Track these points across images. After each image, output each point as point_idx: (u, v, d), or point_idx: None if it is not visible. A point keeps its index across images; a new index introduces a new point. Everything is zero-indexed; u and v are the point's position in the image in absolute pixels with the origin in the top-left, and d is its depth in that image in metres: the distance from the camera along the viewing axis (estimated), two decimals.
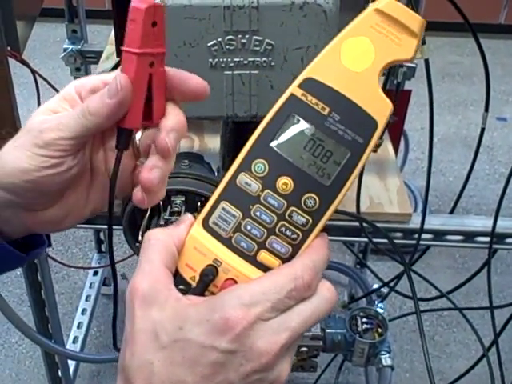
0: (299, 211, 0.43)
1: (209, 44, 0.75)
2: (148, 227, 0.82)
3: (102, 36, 2.35)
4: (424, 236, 1.08)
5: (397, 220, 1.08)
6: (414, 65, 1.13)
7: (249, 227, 0.44)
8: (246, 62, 0.76)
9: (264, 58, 0.76)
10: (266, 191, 0.43)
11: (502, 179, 2.60)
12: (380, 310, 1.20)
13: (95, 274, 2.02)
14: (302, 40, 0.74)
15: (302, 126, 0.43)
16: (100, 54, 1.42)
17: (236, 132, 0.92)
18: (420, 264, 1.34)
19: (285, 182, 0.43)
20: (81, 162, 0.47)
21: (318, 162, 0.43)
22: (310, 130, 0.43)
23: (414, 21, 0.43)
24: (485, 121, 1.03)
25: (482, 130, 1.05)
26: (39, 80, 1.33)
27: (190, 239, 0.44)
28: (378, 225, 1.07)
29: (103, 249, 2.07)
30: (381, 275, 1.83)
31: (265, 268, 0.44)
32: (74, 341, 1.79)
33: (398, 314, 2.02)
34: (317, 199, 0.43)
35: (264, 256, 0.44)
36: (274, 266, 0.44)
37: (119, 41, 0.92)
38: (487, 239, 1.07)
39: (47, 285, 1.33)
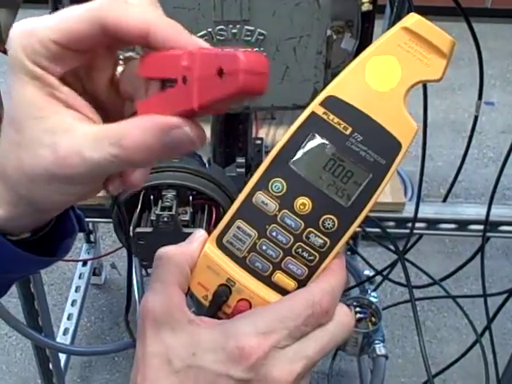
0: (317, 232, 0.42)
1: (199, 34, 0.72)
2: (139, 222, 0.80)
3: None
4: (417, 225, 1.08)
5: (390, 209, 1.08)
6: None
7: (264, 247, 0.42)
8: None
9: (256, 48, 0.74)
10: (284, 211, 0.42)
11: (491, 163, 2.61)
12: (373, 299, 1.19)
13: (84, 264, 2.00)
14: (295, 30, 0.73)
15: (323, 145, 0.41)
16: None
17: (227, 123, 0.90)
18: (410, 249, 1.34)
19: (303, 203, 0.42)
20: None
21: (338, 183, 0.41)
22: (330, 149, 0.41)
23: (444, 40, 0.41)
24: (478, 109, 1.02)
25: (476, 117, 1.04)
26: None
27: (203, 257, 0.43)
28: (372, 214, 1.06)
29: (92, 239, 2.05)
30: (371, 261, 1.83)
31: (280, 289, 0.43)
32: (65, 332, 1.78)
33: (388, 299, 2.03)
34: (335, 221, 0.42)
35: (279, 277, 0.43)
36: (289, 287, 0.43)
37: None
38: (481, 227, 1.07)
39: (36, 278, 1.32)
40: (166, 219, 0.77)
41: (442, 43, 0.41)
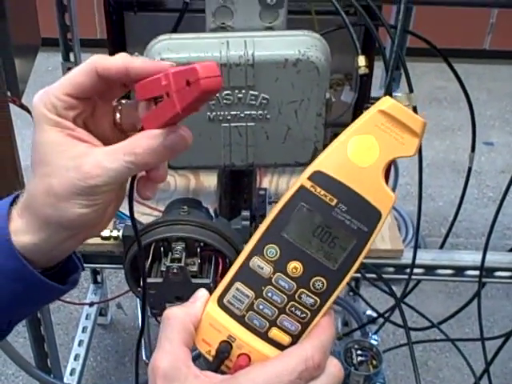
0: (308, 293, 0.47)
1: None
2: (149, 273, 0.85)
3: None
4: (416, 271, 1.12)
5: (389, 256, 1.12)
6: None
7: (261, 306, 0.47)
8: (242, 115, 0.79)
9: (260, 111, 0.79)
10: (278, 274, 0.47)
11: (491, 203, 2.65)
12: (374, 342, 1.22)
13: (91, 305, 2.03)
14: (296, 94, 0.78)
15: (311, 215, 0.46)
16: None
17: (232, 176, 0.95)
18: (411, 293, 1.38)
19: (295, 266, 0.47)
20: None
21: (326, 248, 0.46)
22: (318, 218, 0.46)
23: (416, 122, 0.46)
24: (471, 160, 1.07)
25: (469, 169, 1.09)
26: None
27: (206, 316, 0.48)
28: (372, 260, 1.11)
29: (99, 279, 2.08)
30: (374, 301, 1.85)
31: (276, 344, 0.47)
32: (72, 373, 1.80)
33: (391, 338, 2.05)
34: (324, 282, 0.46)
35: (275, 333, 0.47)
36: (284, 342, 0.47)
37: None
38: (477, 273, 1.11)
39: (46, 321, 1.35)
40: (175, 270, 0.82)
41: (415, 124, 0.46)
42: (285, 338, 0.47)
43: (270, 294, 0.47)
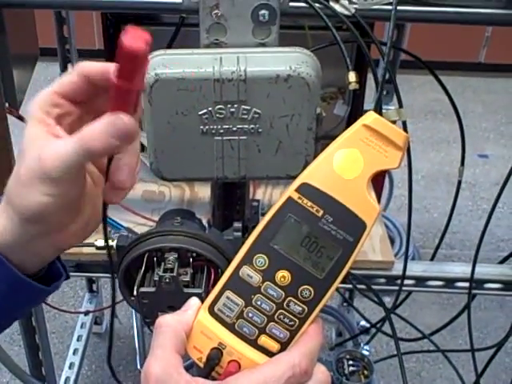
0: (296, 301, 0.48)
1: (200, 113, 0.80)
2: (142, 282, 0.86)
3: None
4: (406, 282, 1.13)
5: (380, 267, 1.13)
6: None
7: (250, 314, 0.49)
8: (234, 128, 0.81)
9: (252, 125, 0.81)
10: (266, 283, 0.49)
11: (485, 215, 2.64)
12: (366, 353, 1.24)
13: (86, 314, 2.04)
14: (287, 109, 0.80)
15: (299, 225, 0.48)
16: None
17: (225, 188, 0.97)
18: (406, 300, 1.39)
19: (283, 275, 0.48)
20: (86, 176, 0.52)
21: (313, 257, 0.48)
22: (305, 229, 0.48)
23: (399, 136, 0.48)
24: (461, 174, 1.09)
25: (459, 182, 1.10)
26: None
27: (197, 324, 0.49)
28: (362, 272, 1.13)
29: (94, 288, 2.10)
30: (368, 312, 1.87)
31: (265, 351, 0.49)
32: (66, 381, 1.81)
33: (385, 349, 2.06)
34: (312, 290, 0.48)
35: (264, 340, 0.49)
36: (273, 349, 0.49)
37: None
38: (467, 284, 1.13)
39: (41, 329, 1.36)
40: (167, 280, 0.83)
41: (398, 138, 0.48)
42: (274, 345, 0.49)
43: (259, 303, 0.49)
